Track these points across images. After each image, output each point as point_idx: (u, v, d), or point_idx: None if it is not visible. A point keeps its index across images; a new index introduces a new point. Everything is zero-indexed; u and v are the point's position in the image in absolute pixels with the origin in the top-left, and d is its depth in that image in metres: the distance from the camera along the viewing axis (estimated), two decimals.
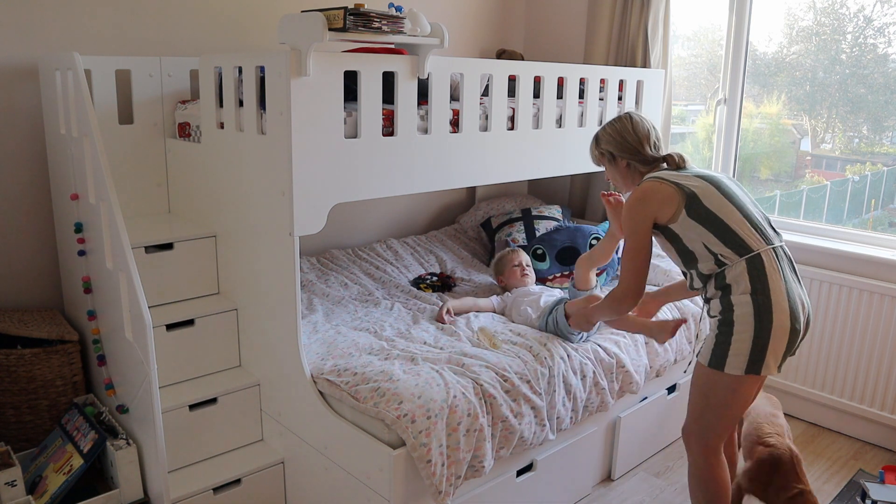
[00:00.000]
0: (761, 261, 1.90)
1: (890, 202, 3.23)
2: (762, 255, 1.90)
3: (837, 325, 3.08)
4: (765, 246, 1.92)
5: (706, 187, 1.97)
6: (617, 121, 2.18)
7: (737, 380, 1.91)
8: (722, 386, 1.94)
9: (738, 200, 1.98)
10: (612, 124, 2.19)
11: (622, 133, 2.14)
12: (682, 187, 1.96)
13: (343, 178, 2.15)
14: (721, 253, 1.91)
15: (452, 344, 2.37)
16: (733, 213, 1.94)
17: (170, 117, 2.67)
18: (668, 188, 1.97)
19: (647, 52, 3.36)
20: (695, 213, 1.93)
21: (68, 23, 2.50)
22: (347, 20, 1.92)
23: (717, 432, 2.00)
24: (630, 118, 2.16)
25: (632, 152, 2.13)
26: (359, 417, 2.04)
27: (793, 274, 1.97)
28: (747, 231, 1.92)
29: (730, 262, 1.91)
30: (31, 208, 2.55)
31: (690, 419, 2.05)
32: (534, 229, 3.37)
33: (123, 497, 2.13)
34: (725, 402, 1.95)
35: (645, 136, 2.12)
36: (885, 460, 2.95)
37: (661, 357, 2.69)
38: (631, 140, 2.12)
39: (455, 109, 2.45)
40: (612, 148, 2.16)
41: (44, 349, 2.31)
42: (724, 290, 1.92)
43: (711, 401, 1.97)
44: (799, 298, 1.94)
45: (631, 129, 2.13)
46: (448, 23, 3.61)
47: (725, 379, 1.92)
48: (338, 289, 2.89)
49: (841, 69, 3.22)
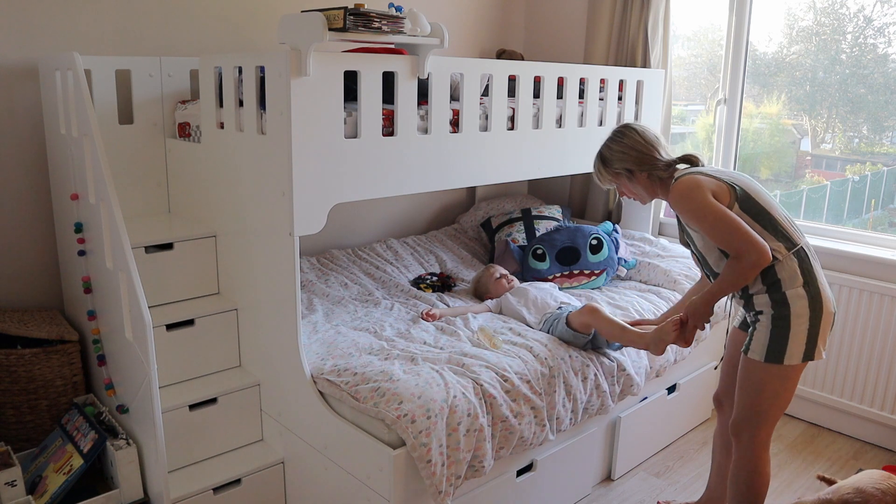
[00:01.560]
0: (805, 253, 1.97)
1: (890, 202, 3.23)
2: (805, 249, 1.98)
3: (837, 325, 3.08)
4: (804, 239, 2.00)
5: (747, 182, 2.01)
6: (621, 136, 2.12)
7: (794, 369, 1.98)
8: (777, 378, 1.98)
9: (772, 199, 2.04)
10: (617, 141, 2.12)
11: (634, 147, 2.09)
12: (725, 181, 1.97)
13: (343, 178, 2.15)
14: (773, 247, 1.94)
15: (452, 344, 2.37)
16: (777, 209, 2.00)
17: (170, 117, 2.67)
18: (711, 180, 1.96)
19: (647, 52, 3.36)
20: (747, 206, 1.95)
21: (68, 23, 2.50)
22: (347, 20, 1.92)
23: (771, 424, 2.05)
24: (633, 129, 2.12)
25: (650, 163, 2.08)
26: (359, 417, 2.04)
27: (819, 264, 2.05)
28: (789, 226, 1.99)
29: (780, 257, 1.94)
30: (31, 208, 2.55)
31: (743, 414, 2.06)
32: (534, 229, 3.37)
33: (123, 497, 2.13)
34: (781, 392, 2.00)
35: (655, 141, 2.10)
36: (885, 460, 2.95)
37: (662, 357, 2.69)
38: (644, 150, 2.08)
39: (455, 109, 2.45)
40: (628, 164, 2.10)
41: (44, 349, 2.31)
42: (773, 285, 1.96)
43: (769, 394, 2.00)
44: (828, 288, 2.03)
45: (641, 139, 2.09)
46: (448, 23, 3.61)
47: (784, 370, 1.97)
48: (338, 289, 2.88)
49: (841, 69, 3.22)
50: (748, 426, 2.06)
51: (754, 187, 2.01)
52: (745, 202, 1.95)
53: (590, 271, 3.04)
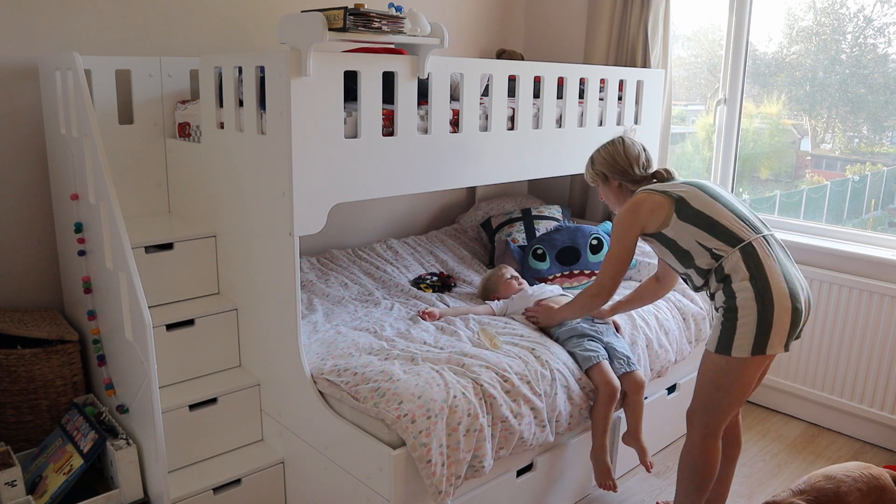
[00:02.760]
0: (753, 248, 2.02)
1: (890, 202, 3.23)
2: (753, 244, 2.02)
3: (837, 325, 3.08)
4: (754, 235, 2.04)
5: (692, 191, 2.12)
6: (611, 144, 2.34)
7: (742, 362, 2.01)
8: (728, 370, 2.04)
9: (724, 199, 2.12)
10: (605, 147, 2.34)
11: (614, 156, 2.30)
12: (669, 194, 2.11)
13: (343, 178, 2.15)
14: (714, 247, 2.03)
15: (452, 344, 2.37)
16: (721, 210, 2.07)
17: (170, 117, 2.67)
18: (657, 197, 2.12)
19: (647, 52, 3.36)
20: (684, 214, 2.08)
21: (68, 23, 2.50)
22: (347, 20, 1.92)
23: (721, 415, 2.11)
24: (623, 142, 2.32)
25: (622, 173, 2.29)
26: (359, 417, 2.04)
27: (788, 259, 2.08)
28: (736, 224, 2.05)
29: (725, 254, 2.02)
30: (31, 208, 2.54)
31: (696, 402, 2.15)
32: (534, 229, 3.37)
33: (123, 497, 2.13)
34: (731, 385, 2.05)
35: (635, 158, 2.29)
36: (885, 460, 2.95)
37: (662, 358, 2.69)
38: (622, 162, 2.29)
39: (455, 109, 2.45)
40: (604, 169, 2.32)
41: (44, 349, 2.31)
42: (724, 280, 2.03)
43: (718, 385, 2.07)
44: (797, 280, 2.04)
45: (623, 152, 2.29)
46: (448, 23, 3.61)
47: (732, 362, 2.02)
48: (338, 289, 2.88)
49: (841, 69, 3.22)
50: (699, 414, 2.14)
51: (702, 193, 2.10)
52: (683, 212, 2.08)
53: (590, 271, 3.04)
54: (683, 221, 2.07)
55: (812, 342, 3.17)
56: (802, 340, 3.19)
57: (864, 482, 2.00)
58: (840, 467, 2.07)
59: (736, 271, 2.00)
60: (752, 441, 3.07)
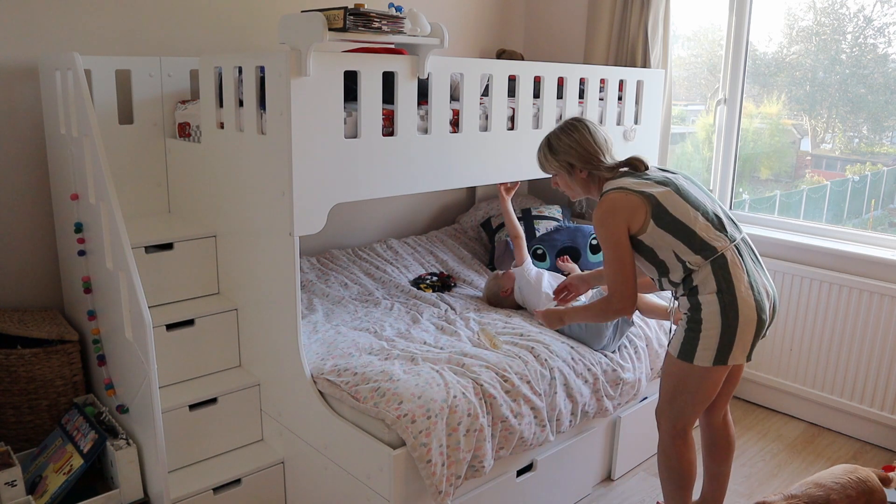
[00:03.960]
0: (725, 260, 1.95)
1: (890, 202, 3.23)
2: (725, 255, 1.96)
3: (837, 325, 3.08)
4: (728, 244, 1.97)
5: (667, 193, 1.98)
6: (573, 129, 2.11)
7: (706, 370, 2.00)
8: (691, 375, 2.03)
9: (698, 201, 2.00)
10: (567, 133, 2.11)
11: (582, 143, 2.08)
12: (646, 195, 1.96)
13: (343, 178, 2.15)
14: (690, 261, 1.96)
15: (452, 344, 2.37)
16: (696, 218, 1.97)
17: (170, 117, 2.67)
18: (633, 198, 1.96)
19: (647, 52, 3.36)
20: (663, 222, 1.95)
21: (68, 23, 2.50)
22: (347, 20, 1.92)
23: (686, 417, 2.10)
24: (586, 127, 2.11)
25: (593, 162, 2.08)
26: (359, 417, 2.04)
27: (755, 264, 2.04)
28: (712, 234, 1.97)
29: (697, 268, 1.96)
30: (31, 208, 2.55)
31: (662, 402, 2.15)
32: (534, 229, 3.37)
33: (123, 497, 2.13)
34: (694, 390, 2.05)
35: (603, 144, 2.09)
36: (885, 460, 2.95)
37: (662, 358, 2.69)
38: (591, 150, 2.08)
39: (455, 109, 2.45)
40: (572, 159, 2.09)
41: (44, 349, 2.31)
42: (691, 290, 1.99)
43: (681, 388, 2.06)
44: (763, 288, 2.00)
45: (590, 138, 2.08)
46: (448, 23, 3.61)
47: (695, 369, 2.01)
48: (338, 289, 2.88)
49: (841, 69, 3.22)
50: (666, 417, 2.13)
51: (677, 197, 1.97)
52: (661, 218, 1.95)
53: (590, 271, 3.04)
54: (662, 230, 1.95)
55: (812, 342, 3.17)
56: (803, 341, 3.19)
57: (853, 487, 2.02)
58: (828, 473, 2.08)
59: (704, 284, 1.94)
60: (752, 441, 3.07)
